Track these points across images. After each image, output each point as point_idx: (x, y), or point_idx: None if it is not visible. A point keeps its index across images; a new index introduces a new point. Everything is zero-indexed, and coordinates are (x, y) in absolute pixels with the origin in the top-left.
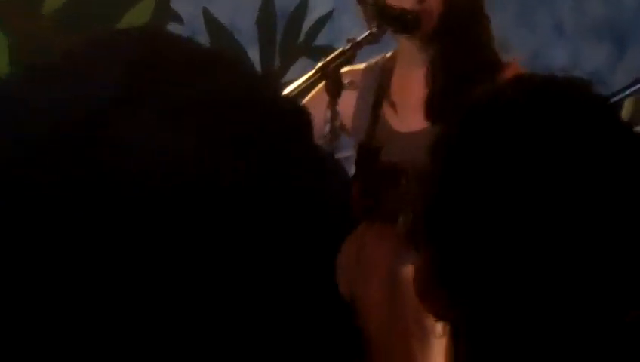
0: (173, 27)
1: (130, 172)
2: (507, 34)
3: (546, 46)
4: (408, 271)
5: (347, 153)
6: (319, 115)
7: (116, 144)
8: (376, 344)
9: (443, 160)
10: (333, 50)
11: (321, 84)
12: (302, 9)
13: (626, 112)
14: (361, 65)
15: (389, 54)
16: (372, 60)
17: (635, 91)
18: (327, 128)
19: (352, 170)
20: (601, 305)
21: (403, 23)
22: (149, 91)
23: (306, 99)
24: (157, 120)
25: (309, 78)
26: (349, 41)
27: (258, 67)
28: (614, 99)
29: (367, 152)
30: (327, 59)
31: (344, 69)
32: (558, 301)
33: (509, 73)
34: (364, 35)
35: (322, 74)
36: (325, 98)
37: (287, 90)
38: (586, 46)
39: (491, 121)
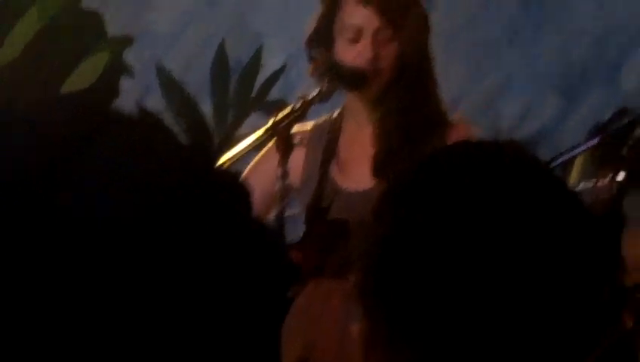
0: (125, 80)
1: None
2: (457, 88)
3: (496, 100)
4: (357, 328)
5: (298, 210)
6: (270, 173)
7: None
8: None
9: (389, 220)
10: (286, 104)
11: (272, 142)
12: (255, 64)
13: (576, 169)
14: (309, 125)
15: (336, 113)
16: (319, 119)
17: (586, 149)
18: (278, 186)
19: (302, 226)
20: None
21: (353, 80)
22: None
23: (258, 157)
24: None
25: (260, 136)
26: (300, 98)
27: (211, 121)
28: (566, 156)
29: (316, 212)
30: (278, 117)
31: (292, 129)
32: (502, 354)
33: (456, 133)
34: (315, 92)
35: (273, 132)
36: (276, 156)
37: (238, 148)
38: (536, 100)
39: (433, 185)
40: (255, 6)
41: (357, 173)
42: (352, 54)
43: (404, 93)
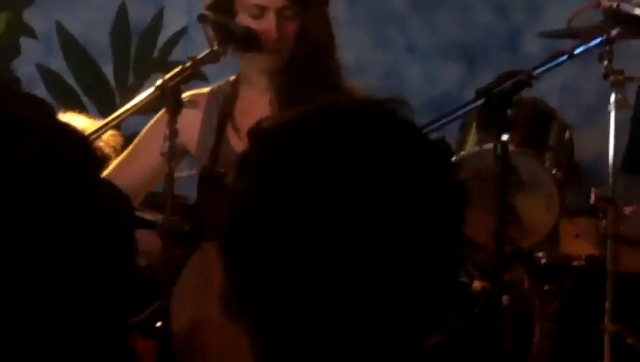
0: (26, 41)
1: None
2: (359, 54)
3: (399, 65)
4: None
5: (193, 170)
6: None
7: None
8: None
9: (240, 180)
10: None
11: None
12: (156, 24)
13: (472, 136)
14: (206, 89)
15: (232, 78)
16: (216, 84)
17: (470, 109)
18: (166, 146)
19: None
20: (399, 331)
21: (245, 41)
22: None
23: (153, 119)
24: None
25: (150, 94)
26: (190, 58)
27: (112, 82)
28: (450, 117)
29: (211, 176)
30: (167, 76)
31: (190, 93)
32: (353, 325)
33: None
34: (205, 52)
35: (162, 91)
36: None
37: (126, 107)
38: (439, 65)
39: (288, 141)
40: None
41: None
42: (255, 29)
43: (305, 64)
